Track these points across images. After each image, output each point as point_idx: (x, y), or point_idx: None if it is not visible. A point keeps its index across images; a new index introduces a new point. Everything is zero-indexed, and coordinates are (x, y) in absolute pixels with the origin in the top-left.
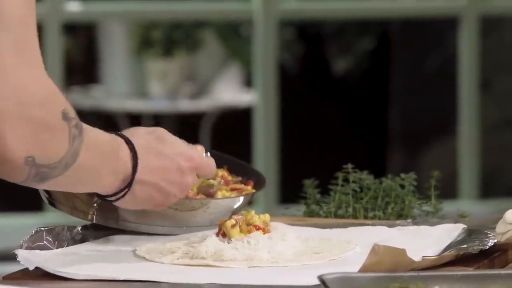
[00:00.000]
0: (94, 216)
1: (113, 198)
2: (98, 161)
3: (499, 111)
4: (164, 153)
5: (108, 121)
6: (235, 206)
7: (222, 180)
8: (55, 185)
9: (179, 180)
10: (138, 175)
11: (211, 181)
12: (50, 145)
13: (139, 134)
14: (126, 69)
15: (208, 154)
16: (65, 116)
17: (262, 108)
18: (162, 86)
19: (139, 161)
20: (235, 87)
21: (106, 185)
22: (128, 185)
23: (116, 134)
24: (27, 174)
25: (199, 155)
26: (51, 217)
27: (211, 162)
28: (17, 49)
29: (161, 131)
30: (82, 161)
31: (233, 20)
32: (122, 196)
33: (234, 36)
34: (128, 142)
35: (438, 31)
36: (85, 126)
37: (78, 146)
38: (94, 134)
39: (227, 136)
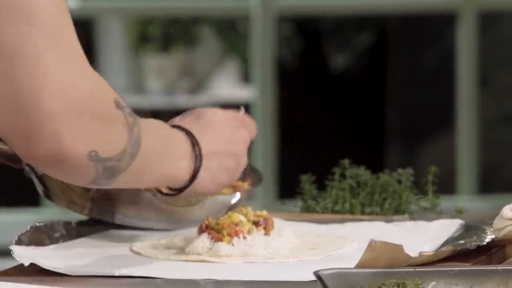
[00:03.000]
0: (91, 211)
1: (189, 182)
2: (161, 144)
3: (498, 107)
4: (210, 121)
5: None
6: (232, 203)
7: None
8: (126, 181)
9: (237, 137)
10: (203, 149)
11: None
12: (110, 136)
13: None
14: (123, 64)
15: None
16: (118, 105)
17: (260, 104)
18: (159, 81)
19: (197, 137)
20: (233, 83)
21: (181, 167)
22: (198, 162)
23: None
24: (95, 171)
25: (239, 113)
26: (48, 212)
27: (252, 120)
28: (55, 47)
29: (196, 111)
30: (146, 147)
31: (230, 15)
32: (197, 173)
33: (231, 32)
34: (176, 126)
35: (437, 27)
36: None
37: (138, 133)
38: (146, 120)
39: None
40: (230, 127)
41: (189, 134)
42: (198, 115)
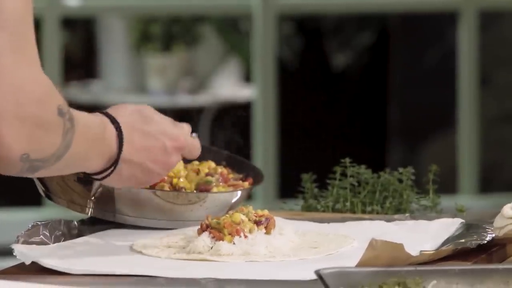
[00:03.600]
0: (91, 210)
1: (99, 177)
2: (87, 146)
3: (499, 106)
4: (150, 133)
5: None
6: (232, 201)
7: (221, 177)
8: (45, 173)
9: (163, 159)
10: (123, 155)
11: (209, 177)
12: (45, 141)
13: (125, 112)
14: (125, 64)
15: (194, 134)
16: (60, 112)
17: (261, 103)
18: (161, 81)
19: (124, 141)
20: (234, 82)
21: (93, 166)
22: (114, 163)
23: (102, 112)
24: (20, 168)
25: (184, 135)
26: (50, 212)
27: (196, 143)
28: (15, 48)
29: (147, 110)
30: (73, 150)
31: (232, 14)
32: (108, 175)
33: (233, 31)
34: (114, 121)
35: (438, 25)
36: (75, 113)
37: (70, 138)
38: (83, 122)
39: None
40: (163, 150)
41: (120, 136)
42: (146, 117)
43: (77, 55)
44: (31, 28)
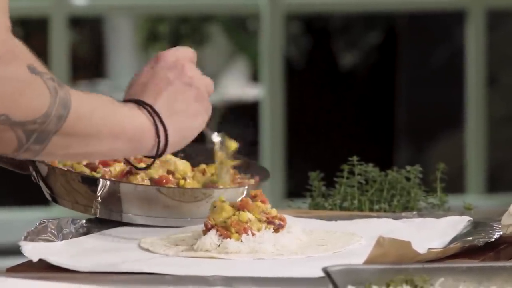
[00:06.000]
0: (98, 210)
1: (158, 136)
2: (105, 105)
3: (506, 105)
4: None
5: None
6: (239, 198)
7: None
8: (67, 143)
9: (184, 74)
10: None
11: (215, 177)
12: (24, 100)
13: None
14: (132, 63)
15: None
16: (33, 70)
17: (268, 102)
18: None
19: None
20: (242, 82)
21: (133, 124)
22: (153, 112)
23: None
24: (14, 136)
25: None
26: (57, 211)
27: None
28: None
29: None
30: (81, 109)
31: (239, 14)
32: (161, 122)
33: (240, 31)
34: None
35: (445, 25)
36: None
37: (64, 95)
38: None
39: (233, 130)
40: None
41: (133, 100)
42: (145, 82)
43: (85, 54)
44: None
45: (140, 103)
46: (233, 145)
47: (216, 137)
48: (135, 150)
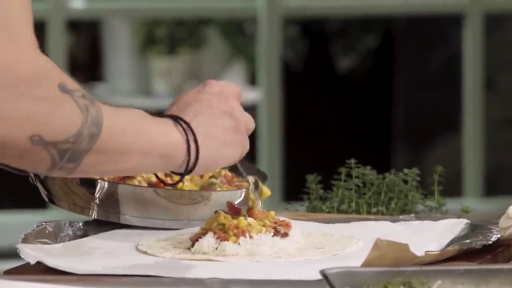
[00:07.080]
0: (95, 212)
1: (189, 156)
2: (136, 121)
3: (503, 109)
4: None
5: None
6: (236, 201)
7: (225, 179)
8: (99, 161)
9: (222, 98)
10: (188, 120)
11: (213, 179)
12: (56, 119)
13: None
14: (130, 67)
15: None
16: (63, 89)
17: (266, 105)
18: (166, 84)
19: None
20: (239, 85)
21: (164, 142)
22: (189, 130)
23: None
24: (48, 156)
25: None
26: (55, 214)
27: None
28: (3, 27)
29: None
30: (113, 126)
31: (237, 17)
32: (195, 141)
33: (238, 34)
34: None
35: (442, 28)
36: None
37: (96, 113)
38: (119, 107)
39: None
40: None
41: (170, 116)
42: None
43: (82, 58)
44: (18, 6)
45: (177, 119)
46: (267, 192)
47: (251, 178)
48: (166, 166)
